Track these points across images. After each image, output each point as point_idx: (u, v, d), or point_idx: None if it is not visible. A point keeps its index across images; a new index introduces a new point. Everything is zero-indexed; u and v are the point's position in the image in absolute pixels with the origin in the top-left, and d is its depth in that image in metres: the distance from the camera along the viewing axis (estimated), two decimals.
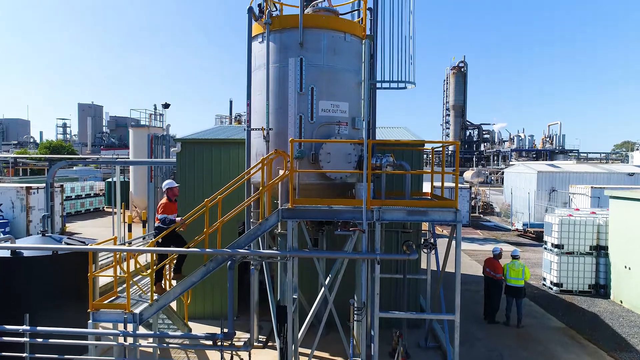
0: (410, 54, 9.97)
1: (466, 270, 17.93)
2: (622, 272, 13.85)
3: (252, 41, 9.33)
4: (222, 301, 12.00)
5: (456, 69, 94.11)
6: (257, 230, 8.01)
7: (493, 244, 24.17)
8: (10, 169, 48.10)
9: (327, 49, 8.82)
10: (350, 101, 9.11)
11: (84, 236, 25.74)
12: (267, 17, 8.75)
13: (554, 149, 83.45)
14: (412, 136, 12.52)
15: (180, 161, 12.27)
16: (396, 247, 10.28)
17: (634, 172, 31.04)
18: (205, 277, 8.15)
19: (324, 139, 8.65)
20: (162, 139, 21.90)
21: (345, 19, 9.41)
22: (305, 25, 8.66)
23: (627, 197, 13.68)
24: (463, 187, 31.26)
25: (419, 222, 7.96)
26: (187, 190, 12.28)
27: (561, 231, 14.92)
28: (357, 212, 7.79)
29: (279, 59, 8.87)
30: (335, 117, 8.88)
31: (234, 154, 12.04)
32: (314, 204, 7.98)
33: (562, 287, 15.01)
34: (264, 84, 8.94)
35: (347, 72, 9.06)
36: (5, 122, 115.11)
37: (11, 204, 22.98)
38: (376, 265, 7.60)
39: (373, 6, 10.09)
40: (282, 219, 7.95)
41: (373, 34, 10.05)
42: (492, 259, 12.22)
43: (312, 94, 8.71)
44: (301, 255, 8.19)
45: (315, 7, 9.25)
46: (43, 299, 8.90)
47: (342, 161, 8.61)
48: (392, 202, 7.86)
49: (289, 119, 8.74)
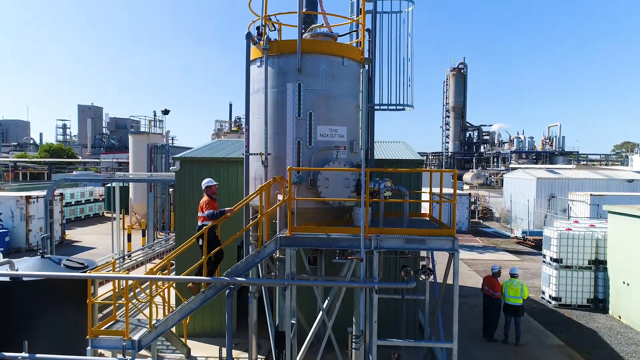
0: (408, 76, 10.01)
1: (465, 282, 17.97)
2: (620, 287, 13.87)
3: (251, 64, 9.34)
4: (220, 319, 12.03)
5: (456, 71, 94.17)
6: (255, 257, 8.03)
7: (492, 253, 24.23)
8: (10, 173, 48.15)
9: (325, 74, 8.83)
10: (348, 125, 9.12)
11: (83, 244, 25.83)
12: (266, 42, 8.75)
13: (553, 150, 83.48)
14: (410, 154, 12.52)
15: (179, 179, 12.29)
16: (394, 271, 10.29)
17: (633, 178, 31.08)
18: (204, 304, 8.17)
19: (323, 163, 8.67)
20: (161, 148, 21.94)
21: (343, 44, 9.42)
22: (304, 51, 8.67)
23: (625, 213, 13.69)
24: (462, 193, 31.30)
25: (416, 250, 7.96)
26: (187, 208, 12.31)
27: (560, 245, 14.95)
28: (355, 240, 7.80)
29: (277, 84, 8.88)
30: (333, 142, 8.89)
31: (233, 172, 12.07)
32: (312, 231, 8.00)
33: (560, 301, 15.04)
34: (262, 107, 8.95)
35: (345, 97, 9.07)
36: (5, 123, 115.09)
37: (11, 213, 23.06)
38: (374, 294, 7.62)
39: (371, 27, 10.13)
40: (281, 246, 7.97)
41: (371, 55, 10.09)
42: (491, 277, 12.24)
43: (310, 119, 8.72)
44: (299, 284, 8.20)
45: (313, 32, 9.26)
46: (42, 324, 8.93)
47: (341, 186, 8.63)
48: (389, 230, 7.88)
49: (288, 144, 8.75)
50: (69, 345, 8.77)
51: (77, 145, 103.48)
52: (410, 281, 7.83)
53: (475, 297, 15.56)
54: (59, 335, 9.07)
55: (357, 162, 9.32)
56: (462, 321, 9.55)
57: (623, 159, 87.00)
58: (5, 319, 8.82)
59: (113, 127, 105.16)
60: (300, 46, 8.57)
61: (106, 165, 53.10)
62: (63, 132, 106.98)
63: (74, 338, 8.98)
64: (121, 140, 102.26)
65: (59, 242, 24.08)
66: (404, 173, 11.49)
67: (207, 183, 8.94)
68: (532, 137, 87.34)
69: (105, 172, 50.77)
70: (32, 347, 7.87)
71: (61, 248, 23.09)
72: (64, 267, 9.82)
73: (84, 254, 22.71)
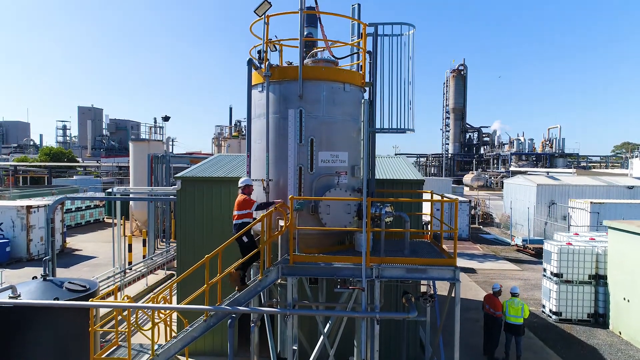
0: (409, 100, 10.02)
1: (465, 294, 17.98)
2: (621, 303, 13.89)
3: (252, 89, 9.35)
4: (222, 338, 12.05)
5: (456, 72, 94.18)
6: (257, 286, 8.05)
7: (492, 261, 24.24)
8: (10, 177, 48.16)
9: (326, 100, 8.85)
10: (349, 150, 9.14)
11: (84, 253, 25.84)
12: (267, 69, 8.77)
13: (553, 152, 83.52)
14: (411, 173, 12.53)
15: (180, 197, 12.31)
16: (396, 295, 10.32)
17: (633, 185, 31.10)
18: (206, 332, 8.20)
19: (324, 189, 8.70)
20: (162, 158, 21.96)
21: (345, 70, 9.44)
22: (305, 77, 8.68)
23: (625, 229, 13.71)
24: (463, 200, 31.30)
25: (417, 280, 7.99)
26: (188, 226, 12.35)
27: (560, 260, 14.97)
28: (357, 270, 7.84)
29: (279, 110, 8.89)
30: (334, 167, 8.91)
31: (234, 192, 12.06)
32: (313, 260, 8.03)
33: (561, 315, 15.07)
34: (264, 132, 8.97)
35: (346, 122, 9.09)
36: (5, 124, 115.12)
37: (11, 223, 23.09)
38: (376, 324, 7.65)
39: (372, 49, 10.14)
40: (282, 275, 8.00)
41: (372, 78, 10.10)
42: (492, 296, 12.26)
43: (312, 145, 8.74)
44: (301, 313, 8.23)
45: (314, 58, 9.27)
46: (44, 350, 8.96)
47: (342, 212, 8.66)
48: (391, 260, 7.90)
49: (289, 170, 8.77)
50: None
51: (77, 146, 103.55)
52: (412, 311, 7.86)
53: (476, 310, 15.57)
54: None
55: (358, 187, 9.36)
56: (462, 337, 9.58)
57: (623, 160, 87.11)
58: (5, 343, 8.86)
59: (113, 128, 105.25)
60: (301, 73, 8.59)
61: (106, 169, 53.09)
62: (63, 134, 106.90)
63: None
64: (121, 141, 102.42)
65: (59, 251, 24.08)
66: (404, 188, 11.61)
67: (244, 182, 8.73)
68: (532, 138, 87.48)
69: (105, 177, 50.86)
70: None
71: (62, 257, 23.10)
72: (66, 291, 9.86)
73: (85, 265, 22.74)
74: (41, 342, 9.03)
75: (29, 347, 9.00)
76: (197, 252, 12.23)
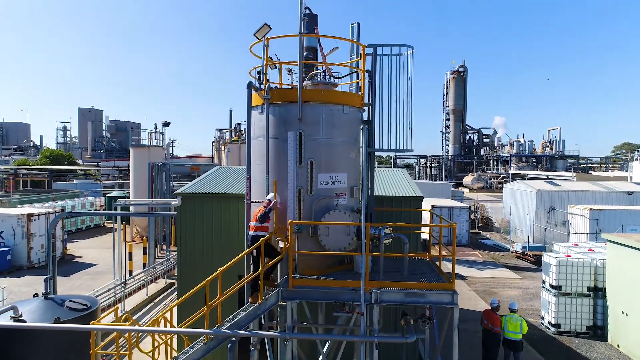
0: (408, 119, 10.07)
1: (464, 304, 18.05)
2: (619, 316, 13.95)
3: (252, 110, 9.41)
4: (222, 354, 12.10)
5: (456, 74, 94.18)
6: (256, 310, 8.10)
7: (492, 269, 24.31)
8: (11, 181, 48.24)
9: (325, 123, 8.90)
10: (348, 171, 9.20)
11: (84, 260, 25.90)
12: (267, 92, 8.82)
13: (553, 154, 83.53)
14: (411, 189, 12.58)
15: (181, 213, 12.37)
16: (394, 315, 10.38)
17: (632, 190, 31.16)
18: (206, 354, 8.25)
19: (324, 211, 8.75)
20: (162, 167, 22.03)
21: (344, 92, 9.49)
22: (304, 100, 8.74)
23: (624, 243, 13.77)
24: (462, 206, 31.37)
25: (416, 304, 8.05)
26: (188, 241, 12.41)
27: (559, 272, 15.03)
28: (356, 294, 7.90)
29: (278, 132, 8.94)
30: (334, 189, 8.97)
31: (234, 208, 12.15)
32: (313, 284, 8.09)
33: (559, 327, 15.13)
34: (263, 154, 9.03)
35: (345, 144, 9.14)
36: (5, 125, 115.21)
37: (12, 231, 23.16)
38: (374, 349, 7.71)
39: (371, 68, 10.17)
40: (282, 299, 8.06)
41: (371, 97, 10.12)
42: (490, 312, 12.31)
43: (311, 167, 8.80)
44: (300, 337, 8.29)
45: (314, 80, 9.32)
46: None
47: (341, 233, 8.72)
48: (390, 284, 7.96)
49: (289, 192, 8.83)
50: None
51: (77, 147, 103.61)
52: (410, 335, 7.92)
53: (475, 322, 15.62)
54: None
55: (357, 207, 9.42)
56: (461, 351, 9.62)
57: (623, 162, 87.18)
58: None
59: (113, 129, 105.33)
60: (301, 97, 8.64)
61: (106, 172, 53.19)
62: (63, 134, 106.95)
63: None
64: (121, 143, 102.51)
65: (60, 258, 24.15)
66: (404, 204, 11.68)
67: (269, 198, 8.63)
68: (532, 140, 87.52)
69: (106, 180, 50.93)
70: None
71: (62, 265, 23.16)
72: (67, 310, 9.93)
73: (86, 273, 22.80)
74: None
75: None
76: (198, 268, 12.31)
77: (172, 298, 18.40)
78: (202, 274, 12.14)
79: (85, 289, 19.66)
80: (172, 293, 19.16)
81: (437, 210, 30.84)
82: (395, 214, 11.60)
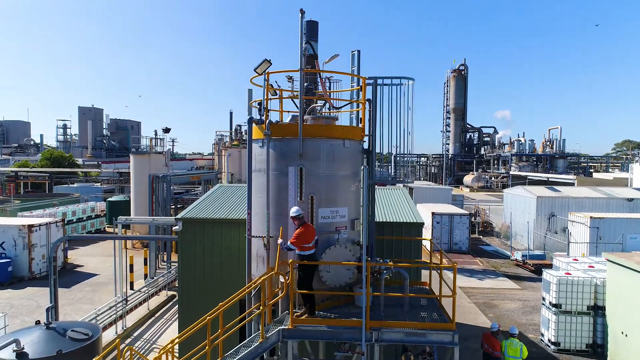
0: (409, 150, 10.09)
1: (464, 318, 18.10)
2: (619, 336, 13.98)
3: (253, 143, 9.41)
4: None
5: (457, 72, 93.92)
6: (258, 348, 8.14)
7: (492, 279, 24.33)
8: (12, 184, 48.29)
9: (326, 157, 8.91)
10: (349, 205, 9.22)
11: (86, 270, 25.94)
12: (267, 128, 8.82)
13: (554, 153, 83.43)
14: (411, 212, 12.60)
15: (182, 237, 12.40)
16: (395, 352, 10.41)
17: (633, 197, 31.17)
18: None
19: (324, 245, 8.78)
20: (162, 178, 22.05)
21: (344, 126, 9.49)
22: (305, 135, 8.74)
23: (624, 265, 13.77)
24: (463, 213, 31.35)
25: (417, 343, 8.08)
26: (189, 265, 12.45)
27: (559, 291, 15.05)
28: (357, 333, 7.93)
29: (279, 167, 8.95)
30: (334, 223, 9.00)
31: (234, 232, 12.18)
32: (314, 323, 8.11)
33: (559, 345, 15.17)
34: (264, 187, 9.04)
35: (346, 178, 9.16)
36: (5, 124, 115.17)
37: (13, 242, 23.20)
38: None
39: (372, 98, 10.16)
40: (283, 338, 8.09)
41: (371, 125, 10.10)
42: (490, 335, 12.34)
43: (312, 202, 8.82)
44: None
45: (314, 114, 9.32)
46: None
47: (342, 268, 8.77)
48: (390, 324, 7.98)
49: (290, 227, 8.85)
50: None
51: (78, 146, 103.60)
52: None
53: (476, 338, 15.66)
54: None
55: (358, 240, 9.44)
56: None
57: (623, 161, 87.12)
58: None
59: (113, 128, 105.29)
60: (301, 132, 8.64)
61: (107, 175, 53.24)
62: (64, 132, 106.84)
63: None
64: (121, 142, 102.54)
65: (61, 268, 24.21)
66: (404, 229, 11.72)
67: (295, 213, 8.44)
68: (532, 139, 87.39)
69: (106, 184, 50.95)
70: None
71: (63, 275, 23.19)
72: (69, 340, 9.97)
73: (87, 284, 22.83)
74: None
75: None
76: (199, 291, 12.38)
77: (174, 312, 18.45)
78: (203, 297, 12.24)
79: (86, 302, 19.73)
80: (173, 307, 19.22)
81: (437, 218, 30.86)
82: (397, 243, 11.62)
